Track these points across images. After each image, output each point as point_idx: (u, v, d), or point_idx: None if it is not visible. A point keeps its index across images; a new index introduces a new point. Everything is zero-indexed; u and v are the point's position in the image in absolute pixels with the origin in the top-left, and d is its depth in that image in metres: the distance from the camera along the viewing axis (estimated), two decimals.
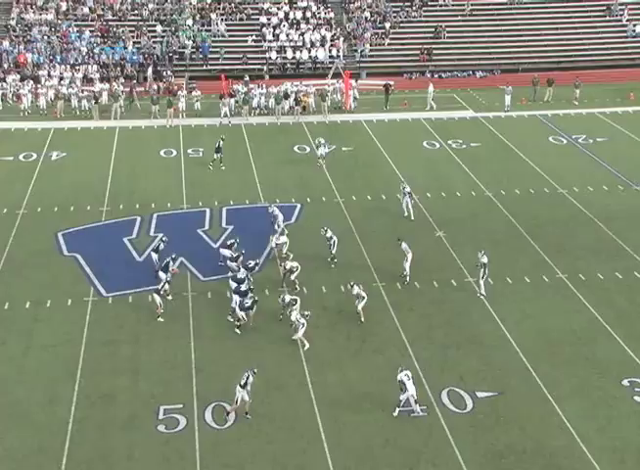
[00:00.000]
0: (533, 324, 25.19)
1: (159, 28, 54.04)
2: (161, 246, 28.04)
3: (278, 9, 56.32)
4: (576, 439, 20.34)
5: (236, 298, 25.13)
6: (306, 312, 24.33)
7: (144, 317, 25.45)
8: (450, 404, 21.67)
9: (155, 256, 27.86)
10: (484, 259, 26.72)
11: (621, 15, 56.75)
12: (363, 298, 25.36)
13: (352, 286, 25.55)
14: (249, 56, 53.02)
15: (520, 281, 27.90)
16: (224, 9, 56.18)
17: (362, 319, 25.32)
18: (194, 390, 21.99)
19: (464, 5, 57.79)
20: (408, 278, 27.51)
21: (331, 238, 28.78)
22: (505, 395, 22.06)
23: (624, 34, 55.91)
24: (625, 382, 22.43)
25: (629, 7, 57.03)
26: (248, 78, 48.09)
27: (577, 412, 21.31)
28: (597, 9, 57.63)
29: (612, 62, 54.19)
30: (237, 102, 45.57)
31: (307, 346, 23.98)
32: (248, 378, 20.93)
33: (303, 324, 24.04)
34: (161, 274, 26.40)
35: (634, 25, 55.89)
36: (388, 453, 19.99)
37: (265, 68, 52.58)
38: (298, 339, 24.13)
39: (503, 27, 56.44)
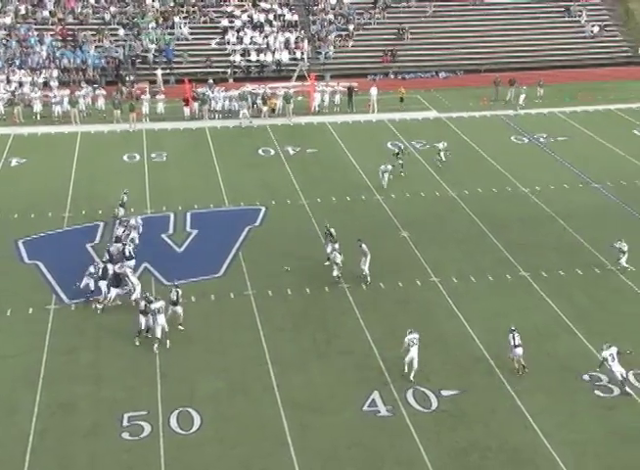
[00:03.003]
0: (497, 322, 25.32)
1: (121, 32, 53.75)
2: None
3: (242, 12, 56.32)
4: (539, 434, 20.53)
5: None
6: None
7: (106, 323, 25.24)
8: (415, 404, 21.77)
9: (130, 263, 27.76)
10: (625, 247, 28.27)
11: (580, 16, 57.48)
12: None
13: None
14: (213, 59, 52.93)
15: (483, 279, 28.14)
16: (187, 12, 56.04)
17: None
18: (158, 396, 21.88)
19: (427, 7, 58.20)
20: (369, 278, 27.62)
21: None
22: (469, 392, 22.20)
23: (583, 35, 56.66)
24: (586, 376, 22.69)
25: (587, 8, 57.82)
26: (212, 82, 47.99)
27: (540, 408, 21.51)
28: (556, 10, 58.36)
29: (571, 62, 54.99)
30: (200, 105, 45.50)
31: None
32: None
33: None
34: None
35: (592, 26, 56.66)
36: (353, 454, 20.02)
37: (229, 71, 52.52)
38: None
39: (466, 29, 57.02)
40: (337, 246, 28.17)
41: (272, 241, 31.11)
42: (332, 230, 28.83)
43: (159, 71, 50.50)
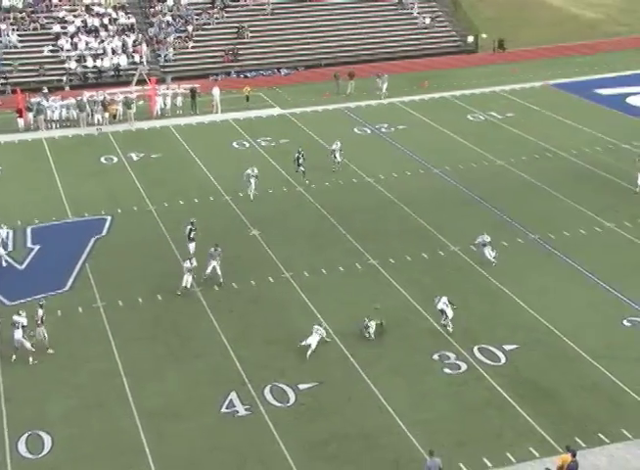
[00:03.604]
0: (349, 311, 25.79)
1: None
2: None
3: (74, 16, 54.63)
4: (394, 416, 21.08)
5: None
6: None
7: None
8: (273, 400, 21.87)
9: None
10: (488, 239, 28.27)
11: (412, 8, 59.34)
12: None
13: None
14: (46, 67, 51.06)
15: (334, 271, 28.57)
16: (15, 18, 53.68)
17: None
18: (4, 420, 20.95)
19: (265, 5, 58.43)
20: (222, 279, 27.57)
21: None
22: (326, 384, 22.50)
23: (416, 26, 58.53)
24: (435, 356, 23.50)
25: (418, 0, 59.79)
26: (46, 90, 46.31)
27: (393, 391, 22.09)
28: (389, 3, 59.93)
29: (406, 53, 56.67)
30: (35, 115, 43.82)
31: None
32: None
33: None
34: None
35: (424, 18, 58.62)
36: (214, 458, 19.90)
37: (65, 78, 50.83)
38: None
39: (304, 25, 57.61)
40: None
41: (120, 250, 30.44)
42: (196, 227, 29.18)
43: None
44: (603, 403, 21.33)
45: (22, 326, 23.30)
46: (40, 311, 23.75)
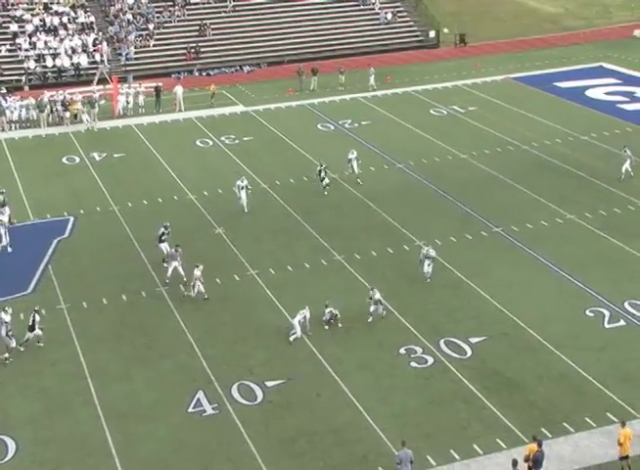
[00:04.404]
0: (315, 308, 25.74)
1: None
2: None
3: (32, 15, 53.94)
4: (362, 412, 21.14)
5: None
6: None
7: None
8: (241, 398, 21.82)
9: None
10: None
11: (374, 4, 59.45)
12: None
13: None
14: (4, 67, 50.35)
15: (300, 267, 28.57)
16: None
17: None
18: None
19: (226, 2, 58.16)
20: (185, 278, 27.39)
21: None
22: (294, 381, 22.50)
23: (378, 22, 58.66)
24: (402, 350, 23.61)
25: None
26: (5, 90, 45.68)
27: (362, 387, 22.15)
28: None
29: (368, 48, 56.79)
30: None
31: None
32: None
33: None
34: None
35: (385, 13, 58.77)
36: (182, 457, 19.81)
37: (24, 78, 50.19)
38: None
39: (265, 22, 57.41)
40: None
41: (83, 251, 30.18)
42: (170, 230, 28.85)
43: None
44: (567, 393, 21.59)
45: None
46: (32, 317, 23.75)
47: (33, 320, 23.91)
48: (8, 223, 30.91)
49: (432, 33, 58.70)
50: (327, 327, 24.68)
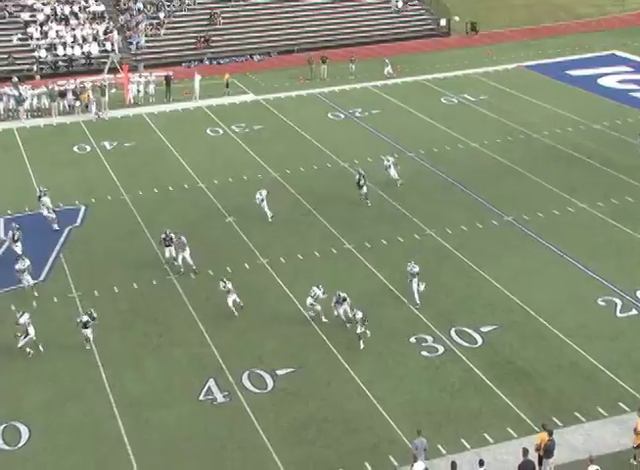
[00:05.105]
0: (327, 296, 25.78)
1: None
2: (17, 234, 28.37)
3: (44, 4, 53.93)
4: (373, 400, 21.16)
5: None
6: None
7: None
8: (251, 386, 21.87)
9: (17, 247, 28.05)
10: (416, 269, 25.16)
11: None
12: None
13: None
14: (15, 56, 50.44)
15: (310, 256, 28.56)
16: None
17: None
18: None
19: None
20: (194, 266, 27.43)
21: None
22: (304, 369, 22.53)
23: (389, 10, 58.38)
24: (413, 339, 23.60)
25: None
26: (17, 80, 45.74)
27: (372, 375, 22.17)
28: None
29: (379, 37, 56.56)
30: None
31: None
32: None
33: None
34: None
35: (397, 2, 58.48)
36: (193, 445, 19.88)
37: (35, 67, 50.24)
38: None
39: (276, 10, 57.21)
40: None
41: (95, 239, 30.27)
42: (172, 235, 27.71)
43: None
44: (579, 382, 21.54)
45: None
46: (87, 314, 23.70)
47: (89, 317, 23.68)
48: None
49: (443, 21, 58.37)
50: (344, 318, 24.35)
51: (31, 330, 23.19)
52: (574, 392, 21.16)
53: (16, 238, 28.71)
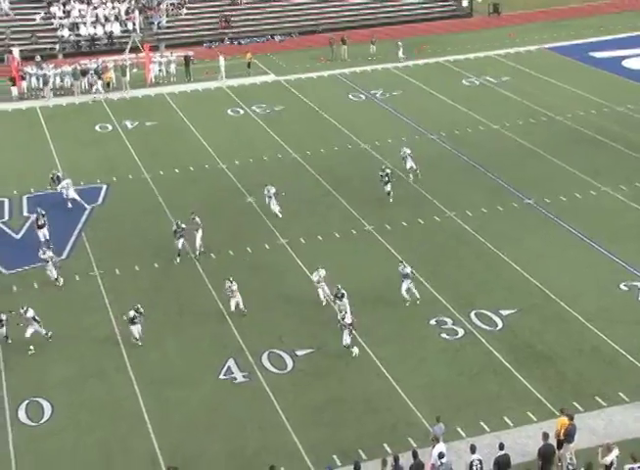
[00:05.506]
0: (346, 277, 25.69)
1: None
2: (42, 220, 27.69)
3: None
4: (392, 382, 21.19)
5: None
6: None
7: None
8: (271, 366, 21.95)
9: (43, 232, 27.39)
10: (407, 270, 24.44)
11: None
12: None
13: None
14: (38, 35, 50.58)
15: (330, 237, 28.55)
16: None
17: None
18: (4, 388, 21.09)
19: None
20: (202, 249, 27.36)
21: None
22: (324, 349, 22.58)
23: None
24: (432, 321, 23.58)
25: None
26: (39, 59, 45.88)
27: (391, 357, 22.17)
28: None
29: (402, 18, 56.16)
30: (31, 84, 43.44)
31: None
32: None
33: None
34: None
35: None
36: (213, 424, 20.01)
37: (58, 46, 50.37)
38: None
39: None
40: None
41: (116, 218, 30.44)
42: (183, 225, 27.20)
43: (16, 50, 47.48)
44: (600, 367, 21.46)
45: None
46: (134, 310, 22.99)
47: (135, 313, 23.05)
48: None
49: (465, 2, 57.94)
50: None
51: (31, 328, 22.75)
52: (595, 376, 21.08)
53: (40, 223, 27.83)
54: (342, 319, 22.38)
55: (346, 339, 22.19)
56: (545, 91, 41.97)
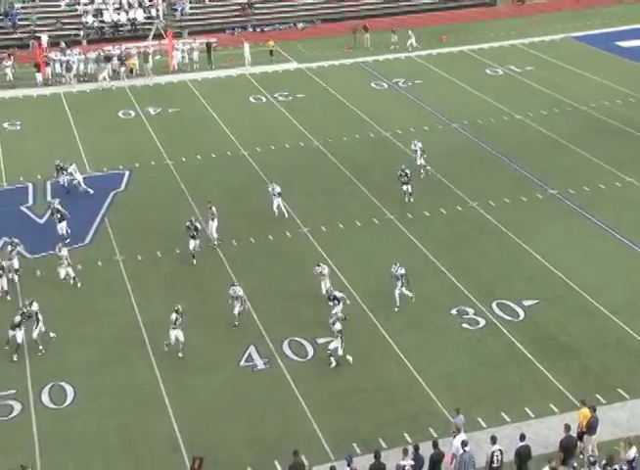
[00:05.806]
0: (367, 266, 25.77)
1: None
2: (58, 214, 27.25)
3: None
4: (412, 371, 21.15)
5: None
6: None
7: None
8: (292, 354, 21.98)
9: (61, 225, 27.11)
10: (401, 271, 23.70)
11: None
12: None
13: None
14: (63, 21, 50.75)
15: (351, 225, 28.50)
16: None
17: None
18: (27, 371, 21.26)
19: None
20: (217, 242, 27.26)
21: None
22: (344, 338, 22.43)
23: None
24: (454, 311, 23.49)
25: None
26: (64, 45, 46.03)
27: (412, 346, 22.13)
28: None
29: (425, 6, 55.80)
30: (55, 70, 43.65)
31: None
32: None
33: None
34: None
35: None
36: (234, 411, 20.07)
37: (82, 32, 50.53)
38: None
39: None
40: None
41: (139, 204, 30.54)
42: (197, 225, 26.80)
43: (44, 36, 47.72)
44: (623, 359, 21.29)
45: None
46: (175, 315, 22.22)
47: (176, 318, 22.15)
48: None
49: None
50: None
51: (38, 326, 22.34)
52: (620, 369, 20.91)
53: (59, 217, 27.30)
54: (333, 325, 21.46)
55: (334, 344, 21.31)
56: (570, 81, 41.58)
